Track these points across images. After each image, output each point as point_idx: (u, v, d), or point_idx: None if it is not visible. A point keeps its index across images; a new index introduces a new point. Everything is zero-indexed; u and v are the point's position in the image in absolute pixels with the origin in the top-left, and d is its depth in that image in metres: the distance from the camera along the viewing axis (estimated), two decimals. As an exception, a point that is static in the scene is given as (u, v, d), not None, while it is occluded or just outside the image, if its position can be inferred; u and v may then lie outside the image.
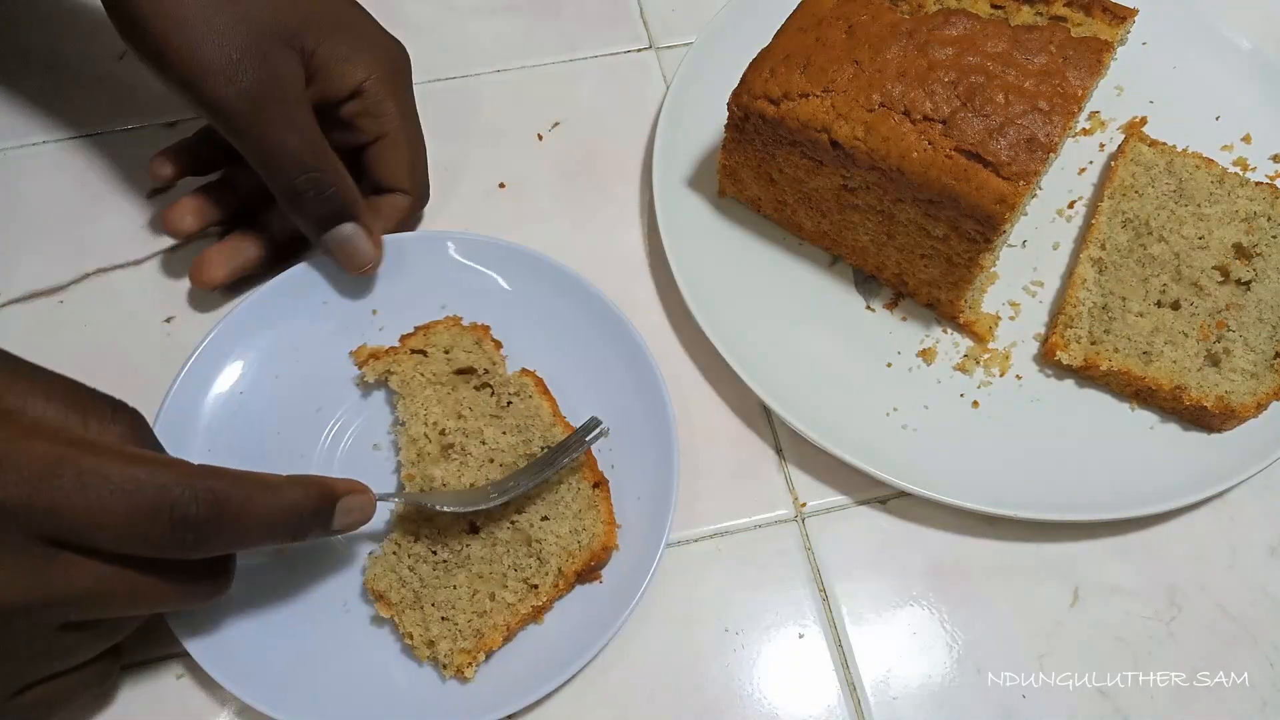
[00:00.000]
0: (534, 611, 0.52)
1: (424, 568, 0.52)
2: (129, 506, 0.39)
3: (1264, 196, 0.65)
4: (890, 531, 0.59)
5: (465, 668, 0.50)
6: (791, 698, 0.54)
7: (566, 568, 0.52)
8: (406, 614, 0.51)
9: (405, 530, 0.53)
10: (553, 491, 0.54)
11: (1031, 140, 0.53)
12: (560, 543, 0.53)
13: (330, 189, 0.56)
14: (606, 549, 0.53)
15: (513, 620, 0.51)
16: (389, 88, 0.59)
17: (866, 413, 0.60)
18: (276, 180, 0.55)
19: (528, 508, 0.54)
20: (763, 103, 0.57)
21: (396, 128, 0.60)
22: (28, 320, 0.62)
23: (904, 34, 0.56)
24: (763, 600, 0.56)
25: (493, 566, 0.53)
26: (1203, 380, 0.59)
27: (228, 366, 0.58)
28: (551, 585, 0.52)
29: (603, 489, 0.55)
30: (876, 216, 0.59)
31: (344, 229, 0.57)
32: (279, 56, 0.53)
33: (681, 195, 0.66)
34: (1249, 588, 0.58)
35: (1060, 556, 0.58)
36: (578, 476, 0.55)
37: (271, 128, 0.53)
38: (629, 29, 0.77)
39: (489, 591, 0.52)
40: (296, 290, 0.60)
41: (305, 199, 0.55)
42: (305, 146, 0.54)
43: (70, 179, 0.67)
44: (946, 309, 0.63)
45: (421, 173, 0.63)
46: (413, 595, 0.52)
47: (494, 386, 0.58)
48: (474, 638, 0.51)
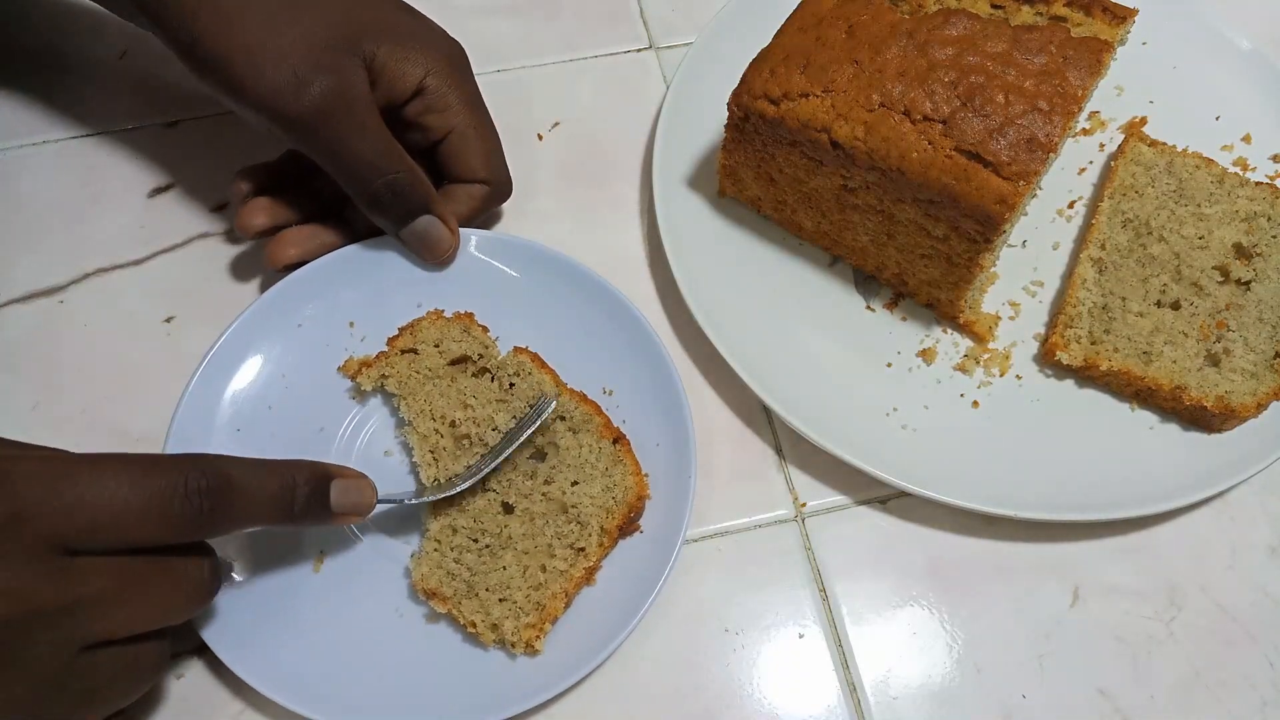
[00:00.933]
0: (586, 574, 0.53)
1: (469, 557, 0.53)
2: (146, 493, 0.41)
3: (1264, 196, 0.65)
4: (890, 531, 0.59)
5: (534, 641, 0.51)
6: (791, 698, 0.54)
7: (607, 525, 0.54)
8: (464, 604, 0.52)
9: (442, 526, 0.54)
10: (575, 456, 0.56)
11: (1031, 140, 0.53)
12: (596, 502, 0.54)
13: (405, 187, 0.57)
14: (641, 498, 0.55)
15: (569, 585, 0.52)
16: (450, 82, 0.59)
17: (866, 413, 0.60)
18: (353, 185, 0.57)
19: (556, 477, 0.55)
20: (763, 103, 0.57)
21: (464, 121, 0.60)
22: (28, 320, 0.62)
23: (904, 34, 0.56)
24: (763, 600, 0.56)
25: (536, 540, 0.53)
26: (1203, 380, 0.59)
27: (218, 408, 0.57)
28: (597, 545, 0.53)
29: (623, 443, 0.56)
30: (876, 216, 0.59)
31: (420, 222, 0.59)
32: (342, 67, 0.54)
33: (681, 195, 0.66)
34: (1249, 588, 0.58)
35: (1060, 556, 0.58)
36: (594, 437, 0.56)
37: (343, 136, 0.55)
38: (629, 29, 0.77)
39: (539, 564, 0.53)
40: (269, 320, 0.59)
41: (383, 200, 0.57)
42: (377, 150, 0.56)
43: (70, 179, 0.67)
44: (946, 309, 0.63)
45: (498, 162, 0.63)
46: (465, 585, 0.52)
47: (492, 371, 0.59)
48: (535, 610, 0.51)
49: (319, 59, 0.54)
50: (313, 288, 0.60)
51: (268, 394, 0.58)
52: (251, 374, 0.58)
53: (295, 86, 0.53)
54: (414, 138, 0.60)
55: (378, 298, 0.61)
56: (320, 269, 0.60)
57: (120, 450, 0.58)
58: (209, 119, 0.70)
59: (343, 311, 0.61)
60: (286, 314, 0.60)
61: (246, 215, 0.60)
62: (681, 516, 0.54)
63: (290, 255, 0.61)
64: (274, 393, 0.58)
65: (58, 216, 0.66)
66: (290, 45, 0.53)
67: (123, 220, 0.66)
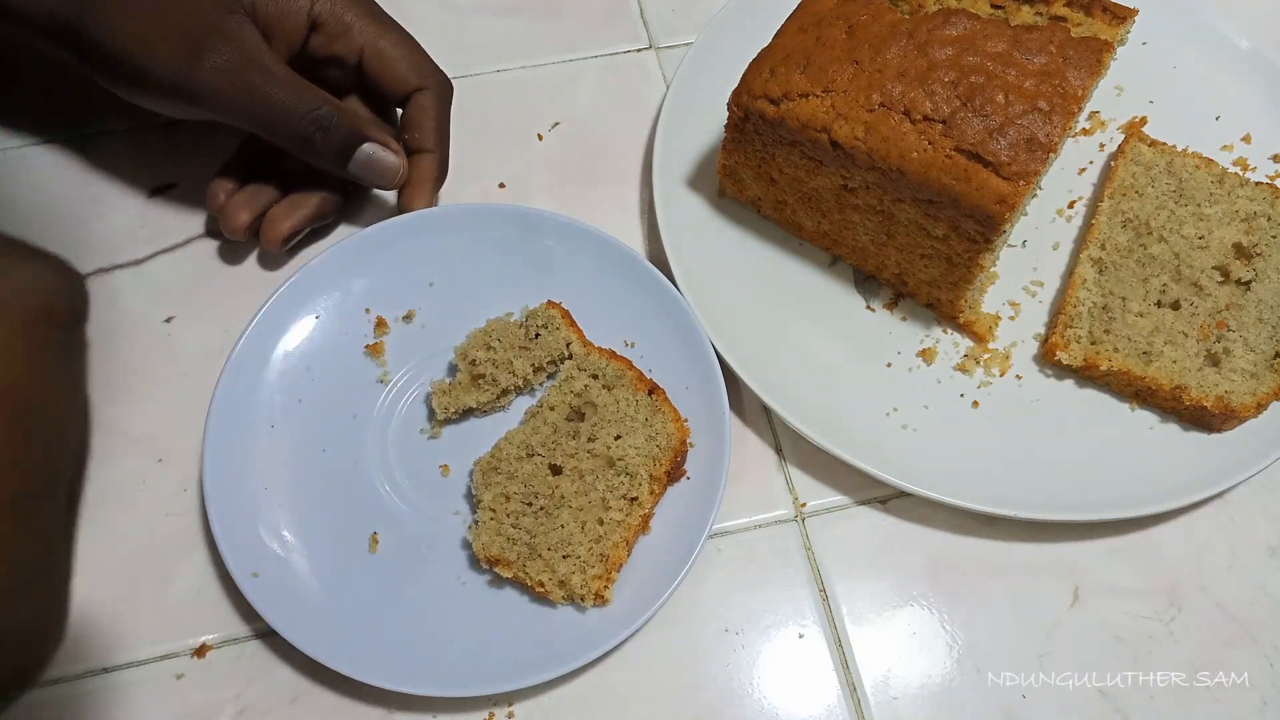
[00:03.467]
0: (643, 520, 0.55)
1: (527, 520, 0.54)
2: None
3: (1264, 196, 0.65)
4: (890, 531, 0.59)
5: (603, 591, 0.52)
6: (791, 698, 0.54)
7: (656, 472, 0.55)
8: (529, 565, 0.53)
9: (495, 495, 0.55)
10: (614, 411, 0.57)
11: (1031, 140, 0.53)
12: (640, 452, 0.55)
13: (329, 119, 0.57)
14: (684, 443, 0.56)
15: (629, 535, 0.54)
16: (339, 3, 0.59)
17: (866, 413, 0.60)
18: (281, 136, 0.57)
19: (599, 434, 0.56)
20: (763, 103, 0.57)
21: (371, 34, 0.60)
22: (28, 320, 0.62)
23: (904, 34, 0.56)
24: (763, 600, 0.56)
25: (589, 496, 0.55)
26: (1203, 380, 0.59)
27: (251, 406, 0.58)
28: (649, 493, 0.55)
29: (659, 393, 0.57)
30: (876, 216, 0.59)
31: (361, 152, 0.58)
32: (226, 27, 0.54)
33: (681, 195, 0.66)
34: (1249, 588, 0.58)
35: (1060, 556, 0.58)
36: (630, 390, 0.57)
37: (251, 91, 0.55)
38: (629, 29, 0.77)
39: (595, 518, 0.54)
40: (285, 318, 0.60)
41: (314, 141, 0.57)
42: (290, 93, 0.56)
43: (70, 179, 0.67)
44: (946, 309, 0.63)
45: (423, 62, 0.62)
46: (527, 548, 0.53)
47: (524, 318, 0.60)
48: (600, 562, 0.53)
49: (202, 27, 0.54)
50: (326, 279, 0.61)
51: (297, 389, 0.59)
52: (275, 371, 0.59)
53: (190, 61, 0.53)
54: (334, 75, 0.60)
55: (391, 279, 0.62)
56: (331, 260, 0.61)
57: (121, 451, 0.58)
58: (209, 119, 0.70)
59: (358, 297, 0.61)
60: (303, 306, 0.60)
61: (229, 218, 0.61)
62: (722, 456, 0.55)
63: (283, 230, 0.61)
64: (303, 387, 0.59)
65: (58, 216, 0.66)
66: (175, 23, 0.53)
67: (123, 220, 0.66)
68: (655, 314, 0.60)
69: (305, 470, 0.57)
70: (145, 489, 0.58)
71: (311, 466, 0.57)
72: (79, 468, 0.32)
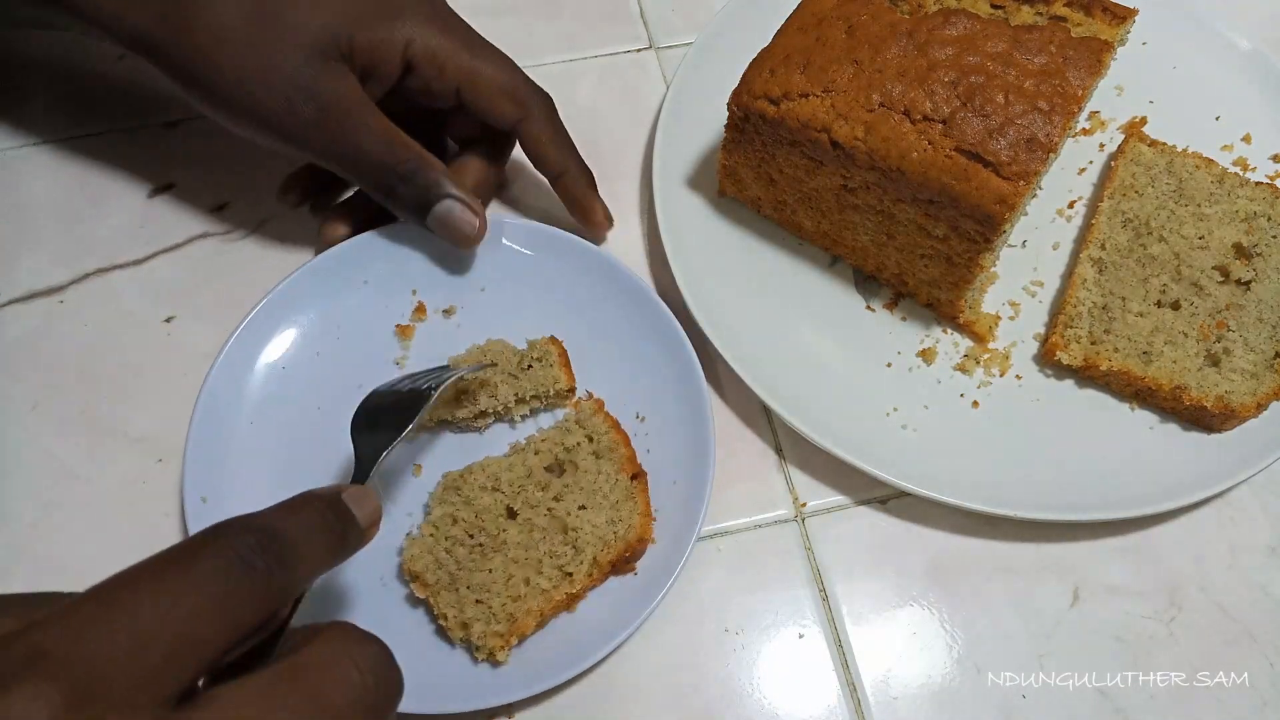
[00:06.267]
0: (568, 599, 0.52)
1: (461, 550, 0.53)
2: (199, 588, 0.32)
3: (1264, 196, 0.65)
4: (890, 531, 0.59)
5: (498, 651, 0.50)
6: (791, 698, 0.54)
7: (601, 557, 0.53)
8: (442, 595, 0.52)
9: (443, 513, 0.54)
10: (590, 481, 0.55)
11: (1031, 140, 0.53)
12: (596, 532, 0.54)
13: (415, 174, 0.57)
14: (642, 541, 0.54)
15: (546, 607, 0.52)
16: (434, 38, 0.58)
17: (866, 413, 0.60)
18: (365, 184, 0.58)
19: (566, 495, 0.55)
20: (763, 103, 0.57)
21: (466, 67, 0.59)
22: (28, 320, 0.62)
23: (904, 34, 0.56)
24: (763, 600, 0.56)
25: (529, 552, 0.53)
26: (1203, 380, 0.59)
27: (273, 340, 0.59)
28: (586, 574, 0.53)
29: (641, 481, 0.56)
30: (876, 216, 0.59)
31: (439, 209, 0.58)
32: (328, 73, 0.55)
33: (681, 195, 0.66)
34: (1249, 588, 0.58)
35: (1060, 556, 0.58)
36: (615, 467, 0.56)
37: (344, 141, 0.56)
38: (629, 29, 0.77)
39: (524, 577, 0.52)
40: (338, 269, 0.61)
41: (397, 192, 0.58)
42: (379, 146, 0.56)
43: (70, 179, 0.67)
44: (946, 309, 0.63)
45: (522, 87, 0.61)
46: (449, 577, 0.52)
47: (527, 346, 0.60)
48: (508, 622, 0.51)
49: (303, 75, 0.54)
50: (387, 249, 0.62)
51: (318, 341, 0.60)
52: (309, 317, 0.60)
53: (288, 108, 0.54)
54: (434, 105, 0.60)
55: (447, 272, 0.62)
56: (399, 231, 0.62)
57: (121, 451, 0.58)
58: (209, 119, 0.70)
59: (410, 277, 0.62)
60: (358, 266, 0.61)
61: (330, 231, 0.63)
62: (675, 568, 0.53)
63: (342, 233, 0.63)
64: (325, 340, 0.60)
65: (58, 216, 0.66)
66: (274, 66, 0.54)
67: (123, 220, 0.66)
68: (679, 404, 0.58)
69: (295, 417, 0.58)
70: (145, 489, 0.58)
71: (303, 416, 0.58)
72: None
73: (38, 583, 0.55)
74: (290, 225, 0.66)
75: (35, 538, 0.56)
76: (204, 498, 0.54)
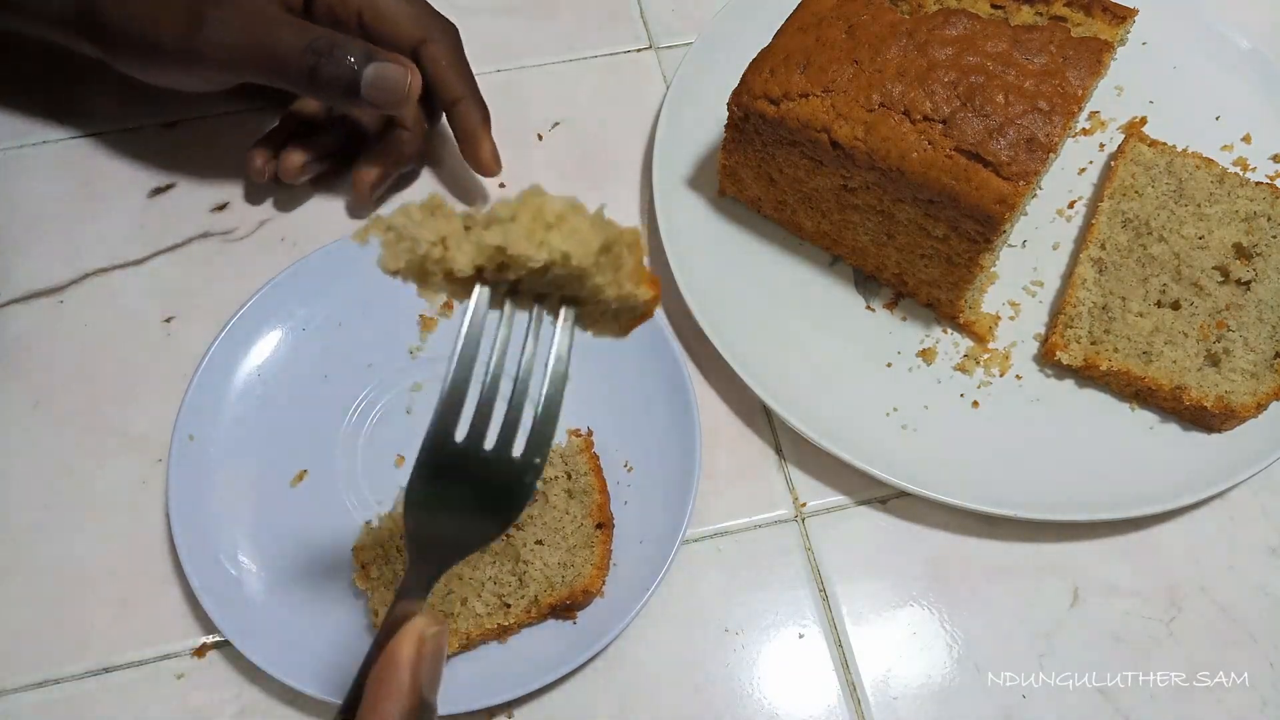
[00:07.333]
0: (499, 630, 0.51)
1: None
2: None
3: (1264, 196, 0.65)
4: (890, 531, 0.59)
5: None
6: (791, 698, 0.54)
7: (544, 598, 0.52)
8: (378, 593, 0.51)
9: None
10: (554, 518, 0.54)
11: (1031, 140, 0.53)
12: (545, 571, 0.52)
13: (333, 49, 0.56)
14: (588, 593, 0.52)
15: (474, 631, 0.51)
16: None
17: (866, 413, 0.60)
18: (290, 76, 0.57)
19: (526, 525, 0.54)
20: (763, 103, 0.57)
21: None
22: (28, 320, 0.62)
23: (904, 34, 0.56)
24: (763, 600, 0.56)
25: (474, 572, 0.52)
26: (1203, 380, 0.59)
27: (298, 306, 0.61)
28: (524, 610, 0.52)
29: (606, 531, 0.55)
30: (876, 216, 0.59)
31: (369, 73, 0.56)
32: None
33: (681, 195, 0.66)
34: (1249, 588, 0.58)
35: (1060, 556, 0.58)
36: (584, 510, 0.55)
37: (254, 37, 0.56)
38: (629, 29, 0.77)
39: (462, 596, 0.52)
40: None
41: (322, 74, 0.56)
42: (289, 33, 0.56)
43: (70, 179, 0.67)
44: (946, 309, 0.63)
45: (424, 12, 0.62)
46: (391, 575, 0.52)
47: None
48: None
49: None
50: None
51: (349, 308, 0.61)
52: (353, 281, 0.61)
53: (193, 25, 0.55)
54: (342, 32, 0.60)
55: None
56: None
57: (121, 451, 0.58)
58: (209, 119, 0.70)
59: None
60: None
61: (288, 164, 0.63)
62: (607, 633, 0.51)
63: (370, 178, 0.64)
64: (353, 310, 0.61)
65: (58, 216, 0.66)
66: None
67: (123, 220, 0.66)
68: (670, 453, 0.56)
69: (299, 386, 0.59)
70: (145, 489, 0.58)
71: (305, 382, 0.59)
72: None
73: (38, 582, 0.55)
74: (291, 225, 0.66)
75: (35, 538, 0.56)
76: (191, 435, 0.56)
